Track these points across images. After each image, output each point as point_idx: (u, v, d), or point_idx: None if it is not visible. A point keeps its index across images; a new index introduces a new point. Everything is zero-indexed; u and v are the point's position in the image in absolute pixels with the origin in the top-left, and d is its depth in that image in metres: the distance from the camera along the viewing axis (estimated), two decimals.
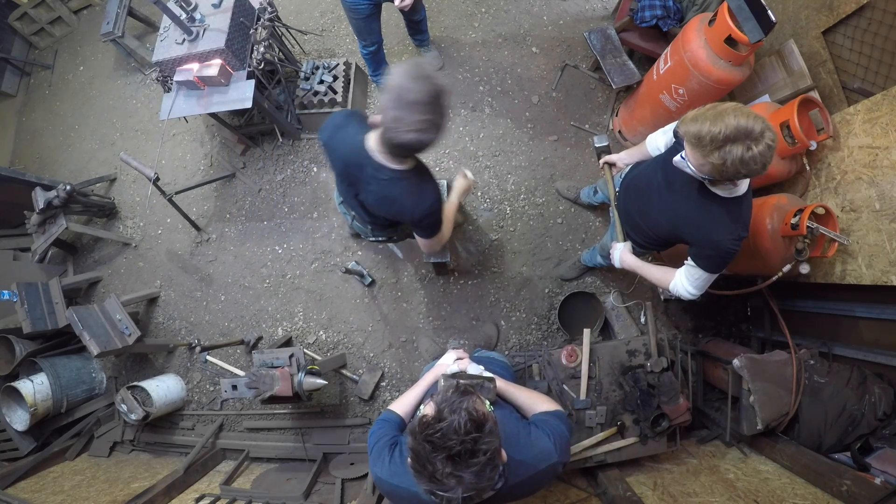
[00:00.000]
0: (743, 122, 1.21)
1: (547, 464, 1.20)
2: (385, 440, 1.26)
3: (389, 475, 1.20)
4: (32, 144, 4.23)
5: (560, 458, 1.22)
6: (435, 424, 0.96)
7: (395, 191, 1.55)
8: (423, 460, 0.96)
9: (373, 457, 1.25)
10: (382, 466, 1.21)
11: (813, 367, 2.20)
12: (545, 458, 1.20)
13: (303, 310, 3.22)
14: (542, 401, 1.41)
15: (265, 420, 3.12)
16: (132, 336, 2.89)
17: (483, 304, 3.07)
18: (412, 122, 1.28)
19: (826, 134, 2.17)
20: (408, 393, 1.49)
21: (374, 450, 1.26)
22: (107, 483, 2.71)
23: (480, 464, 0.95)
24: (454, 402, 1.00)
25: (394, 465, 1.20)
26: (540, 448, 1.21)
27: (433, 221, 1.66)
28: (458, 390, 1.05)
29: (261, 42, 2.79)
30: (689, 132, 1.30)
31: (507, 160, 3.26)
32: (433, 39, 3.47)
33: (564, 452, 1.24)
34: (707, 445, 2.52)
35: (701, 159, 1.32)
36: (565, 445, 1.25)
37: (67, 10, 4.43)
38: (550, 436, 1.23)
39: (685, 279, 1.71)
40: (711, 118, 1.25)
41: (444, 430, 0.95)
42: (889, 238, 1.95)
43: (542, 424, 1.27)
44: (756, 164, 1.25)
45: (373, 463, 1.24)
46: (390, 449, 1.24)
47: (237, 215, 3.45)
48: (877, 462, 1.92)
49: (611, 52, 3.03)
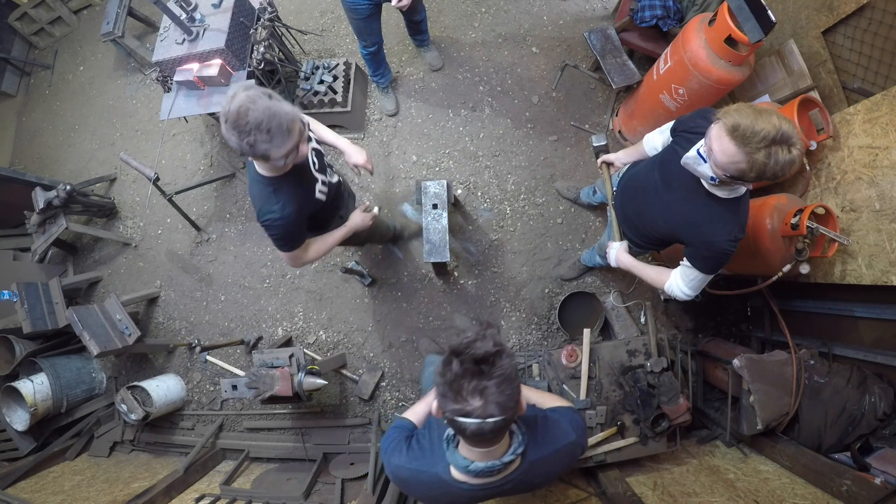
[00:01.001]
0: (785, 125, 1.20)
1: (565, 442, 1.20)
2: (401, 437, 1.27)
3: (409, 461, 1.20)
4: (32, 144, 4.23)
5: (578, 440, 1.22)
6: (463, 342, 0.98)
7: (251, 192, 1.69)
8: (448, 378, 0.97)
9: (388, 453, 1.25)
10: (400, 456, 1.22)
11: (813, 367, 2.20)
12: (563, 437, 1.21)
13: (303, 310, 3.22)
14: (554, 398, 1.43)
15: (265, 420, 3.12)
16: (132, 336, 2.89)
17: (483, 304, 3.07)
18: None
19: (826, 134, 2.17)
20: (420, 402, 1.49)
21: (389, 447, 1.26)
22: (107, 483, 2.71)
23: (502, 376, 0.96)
24: (479, 331, 1.01)
25: (412, 451, 1.21)
26: (558, 429, 1.22)
27: (275, 236, 1.71)
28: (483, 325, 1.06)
29: (261, 42, 2.79)
30: (739, 125, 1.22)
31: (507, 160, 3.27)
32: (433, 39, 3.47)
33: (582, 435, 1.24)
34: (707, 445, 2.52)
35: (740, 156, 1.25)
36: (582, 430, 1.26)
37: (67, 10, 4.43)
38: (566, 419, 1.24)
39: (680, 279, 1.70)
40: (758, 116, 1.21)
41: (471, 344, 0.97)
42: (889, 238, 1.95)
43: (556, 411, 1.29)
44: (791, 167, 1.25)
45: (389, 458, 1.24)
46: (407, 440, 1.25)
47: (237, 215, 3.45)
48: (877, 462, 1.92)
49: (611, 52, 3.03)
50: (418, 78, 3.50)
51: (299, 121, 1.46)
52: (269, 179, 1.61)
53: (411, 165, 3.32)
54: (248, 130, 1.34)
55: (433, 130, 3.37)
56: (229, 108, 1.33)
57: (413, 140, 3.37)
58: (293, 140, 1.43)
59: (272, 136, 1.36)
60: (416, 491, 1.26)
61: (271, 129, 1.36)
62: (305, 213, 1.77)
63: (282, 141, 1.40)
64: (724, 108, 1.29)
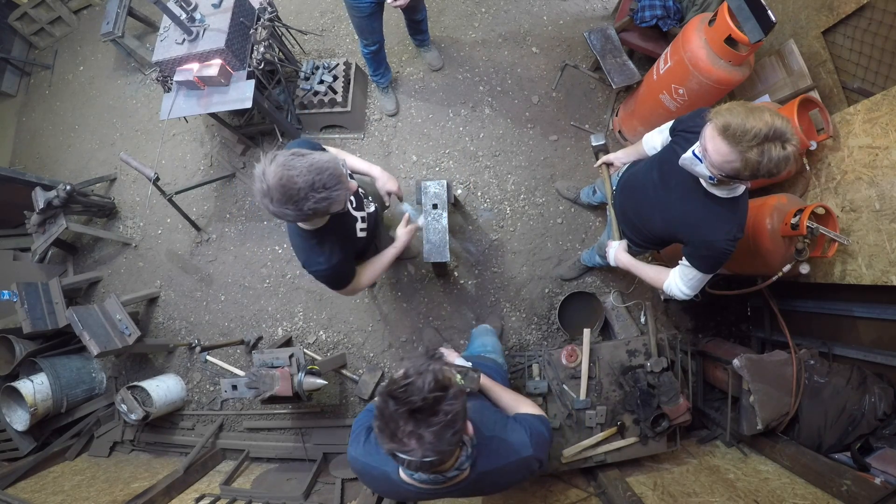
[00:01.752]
0: (779, 122, 1.20)
1: (519, 457, 1.18)
2: (365, 424, 1.28)
3: (363, 454, 1.21)
4: (32, 144, 4.23)
5: (535, 454, 1.20)
6: (400, 381, 0.96)
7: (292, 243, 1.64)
8: (385, 417, 0.96)
9: (351, 439, 1.27)
10: (357, 447, 1.23)
11: (813, 367, 2.20)
12: (518, 450, 1.19)
13: (303, 310, 3.22)
14: (527, 404, 1.39)
15: (265, 420, 3.12)
16: (132, 336, 2.89)
17: (483, 304, 3.07)
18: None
19: (826, 134, 2.17)
20: None
21: (353, 433, 1.28)
22: (107, 483, 2.71)
23: (441, 423, 0.94)
24: (421, 365, 0.98)
25: (368, 445, 1.22)
26: (514, 439, 1.20)
27: (326, 281, 1.68)
28: (429, 355, 1.05)
29: (261, 42, 2.79)
30: (730, 125, 1.22)
31: (507, 160, 3.26)
32: (433, 39, 3.47)
33: (540, 449, 1.21)
34: (707, 445, 2.52)
35: (733, 155, 1.25)
36: (543, 444, 1.23)
37: (67, 10, 4.43)
38: (527, 431, 1.22)
39: (679, 279, 1.70)
40: (749, 114, 1.22)
41: (408, 387, 0.94)
42: (889, 238, 1.95)
43: (521, 420, 1.27)
44: (786, 164, 1.24)
45: (350, 445, 1.26)
46: (367, 431, 1.25)
47: (237, 215, 3.45)
48: (877, 462, 1.92)
49: (611, 52, 3.03)
50: (418, 78, 3.50)
51: (340, 162, 1.38)
52: (311, 233, 1.54)
53: (411, 165, 3.32)
54: (304, 196, 1.26)
55: (433, 130, 3.37)
56: (268, 185, 1.24)
57: (413, 140, 3.37)
58: (346, 184, 1.36)
59: (329, 189, 1.29)
60: (368, 482, 1.27)
61: (326, 184, 1.28)
62: (352, 254, 1.73)
63: (339, 190, 1.32)
64: (715, 108, 1.29)
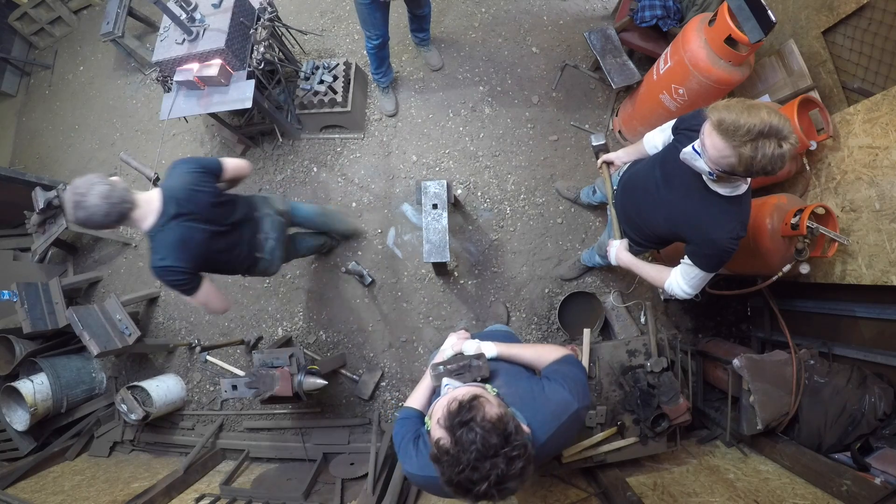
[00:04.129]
0: (775, 120, 1.20)
1: (568, 413, 1.18)
2: (409, 436, 1.25)
3: (419, 468, 1.18)
4: (32, 144, 4.23)
5: (580, 404, 1.20)
6: (458, 456, 0.93)
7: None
8: (465, 488, 0.95)
9: (401, 455, 1.24)
10: (411, 462, 1.20)
11: (813, 367, 2.20)
12: (565, 408, 1.19)
13: (303, 310, 3.21)
14: (549, 351, 1.39)
15: (265, 420, 3.12)
16: (132, 336, 2.90)
17: (483, 304, 3.07)
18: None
19: (826, 134, 2.17)
20: (417, 387, 1.48)
21: (400, 448, 1.25)
22: (107, 483, 2.71)
23: (520, 468, 0.94)
24: (465, 420, 0.96)
25: (420, 457, 1.19)
26: (558, 400, 1.20)
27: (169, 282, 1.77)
28: (462, 404, 1.00)
29: (261, 42, 2.79)
30: (724, 120, 1.24)
31: (507, 160, 3.26)
32: (433, 39, 3.47)
33: (584, 396, 1.22)
34: (707, 445, 2.52)
35: (728, 150, 1.27)
36: (582, 389, 1.23)
37: (67, 10, 4.43)
38: (565, 384, 1.22)
39: (681, 278, 1.70)
40: (746, 110, 1.23)
41: (471, 461, 0.92)
42: (889, 238, 1.95)
43: (554, 375, 1.26)
44: (782, 161, 1.24)
45: (402, 461, 1.23)
46: (415, 443, 1.23)
47: None
48: (877, 462, 1.92)
49: (611, 52, 3.03)
50: (418, 78, 3.50)
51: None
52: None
53: (411, 165, 3.32)
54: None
55: (433, 130, 3.37)
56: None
57: (413, 140, 3.37)
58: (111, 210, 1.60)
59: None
60: (436, 493, 1.24)
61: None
62: (190, 264, 1.79)
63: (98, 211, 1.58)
64: (713, 104, 1.30)
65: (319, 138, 3.45)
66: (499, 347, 1.40)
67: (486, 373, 1.29)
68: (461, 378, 1.27)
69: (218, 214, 1.89)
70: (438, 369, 1.30)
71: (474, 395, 1.04)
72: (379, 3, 2.64)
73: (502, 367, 1.36)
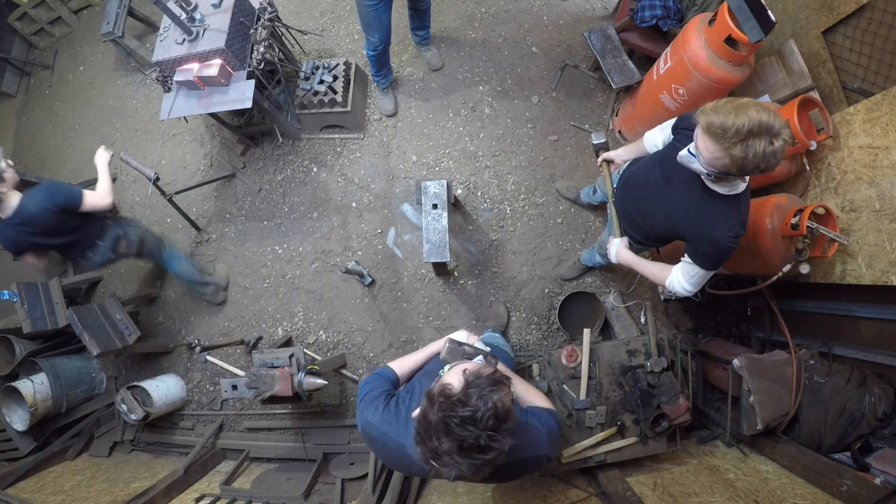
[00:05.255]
0: (764, 117, 1.20)
1: (535, 453, 1.20)
2: (380, 390, 1.27)
3: (381, 422, 1.20)
4: (32, 144, 4.23)
5: (548, 452, 1.22)
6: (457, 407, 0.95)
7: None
8: (431, 432, 0.95)
9: (364, 402, 1.25)
10: (375, 412, 1.21)
11: (813, 367, 2.20)
12: (535, 447, 1.21)
13: (303, 310, 3.22)
14: (538, 396, 1.42)
15: (265, 420, 3.12)
16: (132, 336, 2.89)
17: (483, 304, 3.07)
18: None
19: (826, 134, 2.17)
20: (409, 356, 1.48)
21: (366, 396, 1.26)
22: (107, 483, 2.71)
23: (484, 460, 0.95)
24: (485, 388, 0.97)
25: (388, 413, 1.20)
26: (532, 436, 1.22)
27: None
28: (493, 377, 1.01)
29: (261, 42, 2.79)
30: (712, 123, 1.25)
31: (507, 160, 3.26)
32: (433, 38, 3.47)
33: (553, 448, 1.25)
34: (707, 445, 2.52)
35: (720, 152, 1.28)
36: (555, 442, 1.26)
37: (67, 10, 4.43)
38: (544, 429, 1.24)
39: (682, 276, 1.71)
40: (733, 111, 1.23)
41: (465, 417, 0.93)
42: (889, 238, 1.95)
43: (536, 416, 1.28)
44: (776, 159, 1.24)
45: (364, 408, 1.24)
46: (385, 398, 1.24)
47: (237, 215, 3.45)
48: (877, 462, 1.92)
49: (611, 52, 3.03)
50: (418, 78, 3.50)
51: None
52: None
53: (411, 165, 3.32)
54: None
55: (433, 130, 3.37)
56: None
57: (413, 140, 3.37)
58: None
59: None
60: (380, 452, 1.26)
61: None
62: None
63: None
64: (702, 107, 1.30)
65: (319, 138, 3.45)
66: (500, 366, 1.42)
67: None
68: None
69: (56, 231, 2.36)
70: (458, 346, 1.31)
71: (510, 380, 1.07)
72: (382, 5, 2.61)
73: None
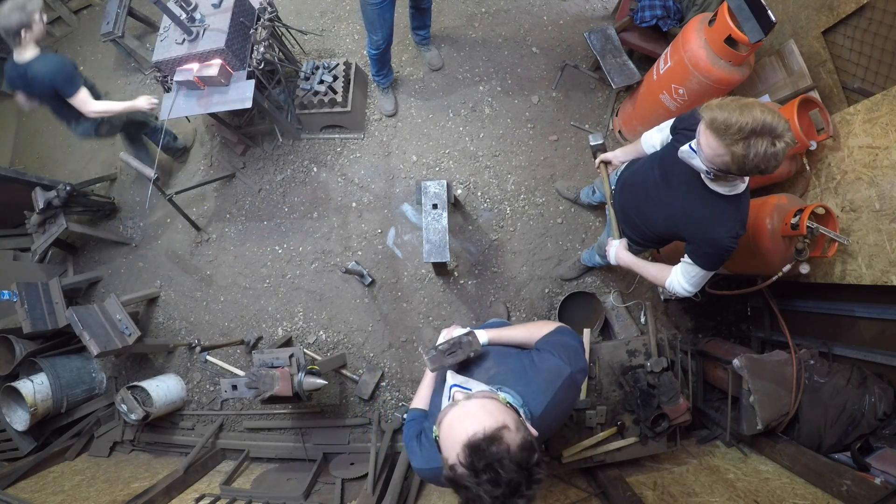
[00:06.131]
0: (769, 118, 1.20)
1: (561, 379, 1.17)
2: (412, 434, 1.27)
3: (425, 462, 1.19)
4: (32, 144, 4.23)
5: (573, 368, 1.18)
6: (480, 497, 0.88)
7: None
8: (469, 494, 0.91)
9: (409, 454, 1.26)
10: (417, 458, 1.22)
11: (813, 367, 2.20)
12: (557, 374, 1.18)
13: (303, 310, 3.22)
14: (539, 327, 1.37)
15: (265, 420, 3.12)
16: (132, 336, 2.89)
17: (483, 304, 3.07)
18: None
19: (826, 134, 2.17)
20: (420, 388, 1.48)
21: (407, 447, 1.28)
22: (107, 483, 2.71)
23: (535, 493, 0.90)
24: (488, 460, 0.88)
25: (424, 452, 1.21)
26: (549, 367, 1.19)
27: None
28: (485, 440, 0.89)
29: (261, 42, 2.79)
30: (716, 119, 1.25)
31: (507, 160, 3.26)
32: (433, 38, 3.47)
33: (577, 360, 1.20)
34: (707, 445, 2.52)
35: (721, 149, 1.27)
36: (575, 354, 1.22)
37: (67, 10, 4.42)
38: (555, 352, 1.21)
39: (681, 276, 1.70)
40: (738, 109, 1.22)
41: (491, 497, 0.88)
42: (889, 238, 1.95)
43: (544, 346, 1.26)
44: (776, 160, 1.24)
45: (412, 459, 1.25)
46: (418, 439, 1.24)
47: (237, 215, 3.45)
48: (877, 462, 1.92)
49: (611, 52, 3.03)
50: (418, 78, 3.50)
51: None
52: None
53: (411, 165, 3.32)
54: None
55: (433, 130, 3.38)
56: None
57: (413, 140, 3.37)
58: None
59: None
60: (442, 485, 1.21)
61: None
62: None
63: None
64: (707, 103, 1.30)
65: (319, 138, 3.45)
66: (490, 333, 1.40)
67: (479, 348, 1.29)
68: (454, 356, 1.27)
69: (47, 98, 2.65)
70: (431, 352, 1.31)
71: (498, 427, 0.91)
72: (387, 4, 2.61)
73: (493, 349, 1.36)
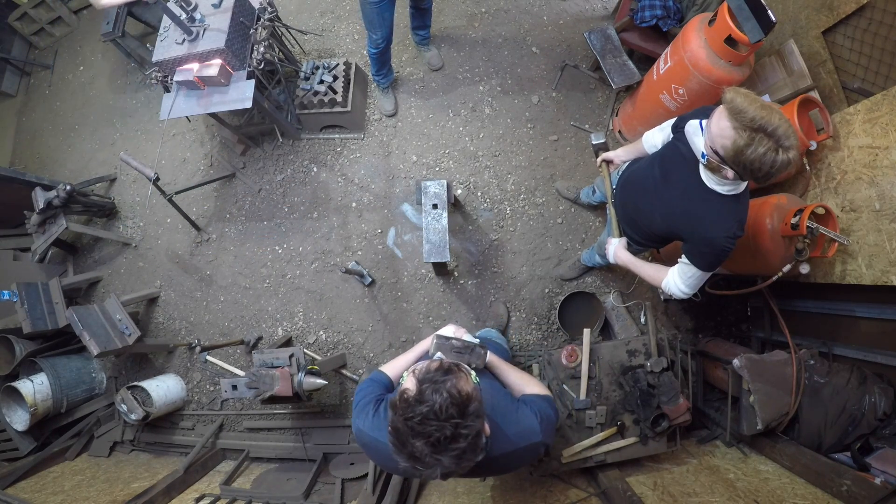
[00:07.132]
0: (784, 127, 1.20)
1: (529, 442, 1.20)
2: (371, 396, 1.28)
3: (372, 428, 1.21)
4: (32, 144, 4.23)
5: (543, 440, 1.21)
6: (415, 406, 0.95)
7: None
8: (402, 439, 0.95)
9: (356, 410, 1.27)
10: (365, 419, 1.23)
11: (813, 367, 2.20)
12: (529, 436, 1.20)
13: (303, 310, 3.22)
14: (533, 383, 1.40)
15: (265, 420, 3.12)
16: (132, 336, 2.89)
17: (483, 304, 3.07)
18: None
19: (826, 134, 2.17)
20: (401, 357, 1.49)
21: (359, 404, 1.28)
22: (107, 483, 2.71)
23: (461, 449, 0.94)
24: (437, 381, 0.98)
25: (377, 419, 1.21)
26: (525, 425, 1.21)
27: None
28: (442, 368, 1.02)
29: (261, 42, 2.79)
30: (736, 100, 1.24)
31: (507, 160, 3.26)
32: (433, 38, 3.47)
33: (549, 435, 1.23)
34: (707, 445, 2.52)
35: (728, 130, 1.26)
36: (550, 428, 1.24)
37: (67, 10, 4.43)
38: (537, 416, 1.23)
39: (678, 277, 1.70)
40: (760, 104, 1.22)
41: (424, 414, 0.94)
42: (889, 238, 1.95)
43: (531, 405, 1.27)
44: (773, 168, 1.24)
45: (356, 416, 1.26)
46: (375, 404, 1.25)
47: (237, 215, 3.45)
48: (877, 462, 1.92)
49: (611, 52, 3.03)
50: (418, 78, 3.50)
51: None
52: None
53: (411, 165, 3.32)
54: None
55: (433, 130, 3.38)
56: None
57: (413, 140, 3.37)
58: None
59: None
60: (374, 457, 1.27)
61: None
62: None
63: None
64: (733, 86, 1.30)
65: (319, 138, 3.45)
66: (492, 357, 1.42)
67: (483, 364, 1.32)
68: (460, 357, 1.30)
69: None
70: (445, 341, 1.32)
71: (458, 365, 1.09)
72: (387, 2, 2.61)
73: (486, 376, 1.38)
